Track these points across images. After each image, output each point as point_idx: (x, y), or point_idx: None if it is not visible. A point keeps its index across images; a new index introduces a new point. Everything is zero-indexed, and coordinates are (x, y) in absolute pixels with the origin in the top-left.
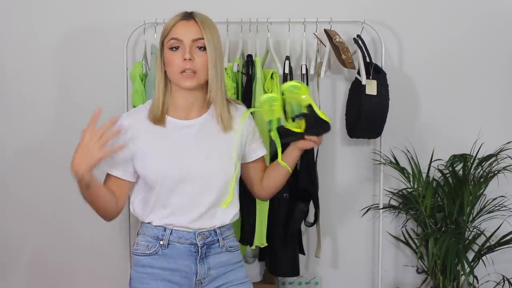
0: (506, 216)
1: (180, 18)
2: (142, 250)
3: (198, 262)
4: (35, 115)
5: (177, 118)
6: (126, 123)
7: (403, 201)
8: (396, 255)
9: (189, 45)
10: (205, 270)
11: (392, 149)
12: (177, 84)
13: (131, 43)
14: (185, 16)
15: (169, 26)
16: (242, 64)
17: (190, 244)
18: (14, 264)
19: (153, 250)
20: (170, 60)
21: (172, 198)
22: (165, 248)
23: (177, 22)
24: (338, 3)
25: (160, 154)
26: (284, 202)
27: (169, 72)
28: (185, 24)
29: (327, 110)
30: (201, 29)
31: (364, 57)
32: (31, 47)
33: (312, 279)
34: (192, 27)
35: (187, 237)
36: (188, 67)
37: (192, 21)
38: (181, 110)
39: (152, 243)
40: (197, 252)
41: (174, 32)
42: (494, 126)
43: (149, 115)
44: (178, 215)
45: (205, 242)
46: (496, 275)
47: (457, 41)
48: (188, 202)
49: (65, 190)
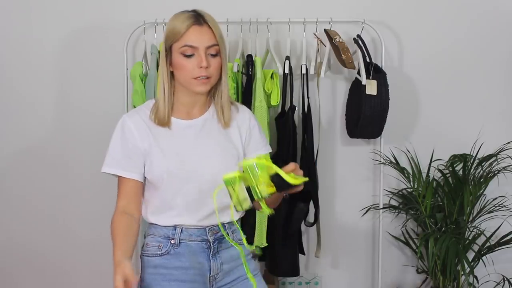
0: (506, 216)
1: (191, 22)
2: (153, 251)
3: (211, 258)
4: (35, 115)
5: (180, 118)
6: (130, 124)
7: (403, 201)
8: (396, 255)
9: (204, 52)
10: (218, 265)
11: (392, 149)
12: (188, 88)
13: (131, 43)
14: (197, 21)
15: (181, 31)
16: (242, 64)
17: (202, 241)
18: (14, 265)
19: (164, 250)
20: (182, 65)
21: (178, 199)
22: (177, 247)
23: (189, 27)
24: (338, 3)
25: (164, 154)
26: (284, 202)
27: (180, 75)
28: (199, 30)
29: (327, 110)
30: (214, 35)
31: (364, 57)
32: (31, 47)
33: (312, 279)
34: (206, 34)
35: (198, 234)
36: (204, 74)
37: (205, 27)
38: (184, 110)
39: (163, 243)
40: (209, 248)
41: (188, 39)
42: (494, 126)
43: (154, 118)
44: (186, 215)
45: (216, 237)
46: (496, 275)
47: (457, 41)
48: (195, 202)
49: (65, 190)
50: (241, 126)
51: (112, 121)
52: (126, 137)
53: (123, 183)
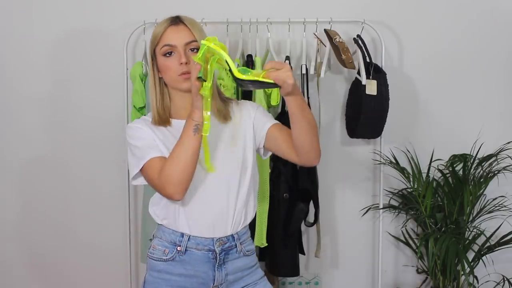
0: (506, 216)
1: (168, 24)
2: (158, 255)
3: (216, 269)
4: (35, 115)
5: (180, 118)
6: (137, 125)
7: (403, 201)
8: (396, 255)
9: (183, 49)
10: (222, 276)
11: (392, 149)
12: (176, 87)
13: (131, 43)
14: (173, 21)
15: (159, 34)
16: (242, 64)
17: (208, 251)
18: (14, 265)
19: (170, 256)
20: (166, 66)
21: (186, 201)
22: (183, 255)
23: (166, 28)
24: (338, 3)
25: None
26: (284, 202)
27: (166, 77)
28: (175, 29)
29: (327, 110)
30: (191, 32)
31: (364, 57)
32: (31, 47)
33: (312, 279)
34: (182, 31)
35: (205, 244)
36: (186, 70)
37: (182, 25)
38: (182, 111)
39: (169, 248)
40: (215, 258)
41: (166, 39)
42: (494, 126)
43: (154, 122)
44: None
45: (223, 248)
46: (496, 275)
47: (457, 41)
48: (202, 205)
49: (65, 191)
50: (245, 115)
51: (112, 121)
52: (138, 133)
53: (151, 164)
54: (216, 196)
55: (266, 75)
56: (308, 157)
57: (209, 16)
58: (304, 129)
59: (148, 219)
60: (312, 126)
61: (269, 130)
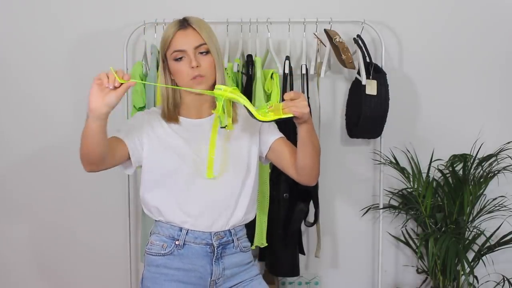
0: (506, 216)
1: (176, 28)
2: (156, 250)
3: (213, 263)
4: (35, 115)
5: (189, 117)
6: (143, 113)
7: (403, 201)
8: (396, 255)
9: (193, 53)
10: (220, 270)
11: (392, 149)
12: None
13: (131, 43)
14: (181, 26)
15: (168, 39)
16: (242, 64)
17: (206, 245)
18: (14, 265)
19: (168, 250)
20: (178, 71)
21: (185, 197)
22: (181, 249)
23: (175, 33)
24: (338, 3)
25: (172, 149)
26: (284, 202)
27: (179, 80)
28: (184, 34)
29: (327, 110)
30: (200, 35)
31: (364, 57)
32: (31, 46)
33: (312, 279)
34: (191, 35)
35: (203, 237)
36: (197, 74)
37: (190, 29)
38: (193, 111)
39: (167, 243)
40: (213, 252)
41: (175, 44)
42: (494, 126)
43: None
44: (193, 216)
45: (220, 242)
46: (496, 275)
47: (457, 41)
48: (203, 203)
49: (66, 191)
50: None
51: (111, 121)
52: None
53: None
54: (217, 196)
55: (286, 111)
56: (308, 178)
57: (209, 16)
58: (309, 153)
59: (148, 219)
60: (317, 150)
61: (275, 143)
